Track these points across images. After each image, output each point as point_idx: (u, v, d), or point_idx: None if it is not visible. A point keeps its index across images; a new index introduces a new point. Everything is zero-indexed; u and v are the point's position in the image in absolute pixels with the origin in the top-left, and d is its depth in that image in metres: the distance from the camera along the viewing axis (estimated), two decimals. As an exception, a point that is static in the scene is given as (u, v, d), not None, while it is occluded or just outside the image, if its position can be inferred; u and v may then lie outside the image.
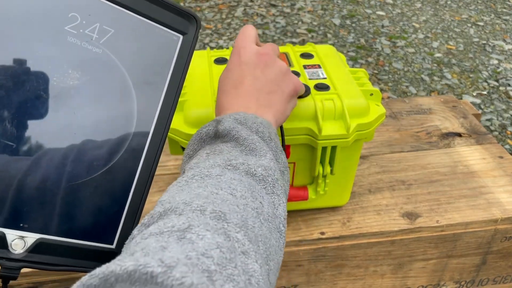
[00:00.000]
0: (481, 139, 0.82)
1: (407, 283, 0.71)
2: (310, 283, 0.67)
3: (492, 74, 2.45)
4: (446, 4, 3.24)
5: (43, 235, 0.32)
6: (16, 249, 0.31)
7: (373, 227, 0.64)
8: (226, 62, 0.64)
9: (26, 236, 0.31)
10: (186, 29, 0.37)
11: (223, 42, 2.68)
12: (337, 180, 0.62)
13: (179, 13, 0.37)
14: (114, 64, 0.33)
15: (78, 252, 0.33)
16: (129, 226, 0.36)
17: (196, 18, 0.38)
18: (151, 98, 0.35)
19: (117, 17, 0.34)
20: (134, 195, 0.36)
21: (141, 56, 0.35)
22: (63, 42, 0.31)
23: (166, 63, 0.36)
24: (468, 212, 0.67)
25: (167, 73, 0.36)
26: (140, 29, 0.35)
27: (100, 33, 0.33)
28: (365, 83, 0.61)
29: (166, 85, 0.36)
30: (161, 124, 0.36)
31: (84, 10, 0.32)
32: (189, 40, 0.38)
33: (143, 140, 0.36)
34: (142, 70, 0.35)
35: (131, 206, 0.36)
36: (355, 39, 2.75)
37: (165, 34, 0.36)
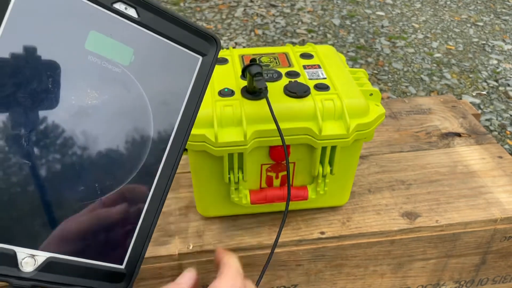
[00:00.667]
0: (480, 139, 0.83)
1: (407, 283, 0.71)
2: (310, 283, 0.67)
3: (492, 74, 2.45)
4: (445, 4, 3.24)
5: (54, 254, 0.32)
6: (26, 268, 0.30)
7: (372, 226, 0.64)
8: (226, 62, 0.64)
9: (36, 254, 0.31)
10: (206, 50, 0.37)
11: (223, 42, 2.68)
12: (337, 180, 0.62)
13: (200, 34, 0.36)
14: (133, 84, 0.33)
15: (87, 272, 0.33)
16: (140, 246, 0.35)
17: (216, 40, 0.37)
18: (168, 119, 0.35)
19: (137, 37, 0.34)
20: (146, 215, 0.35)
21: (160, 76, 0.35)
22: (84, 61, 0.31)
23: (184, 84, 0.36)
24: (467, 212, 0.67)
25: (185, 94, 0.36)
26: (160, 49, 0.35)
27: None
28: (365, 83, 0.61)
29: (184, 106, 0.36)
30: (176, 145, 0.36)
31: (104, 29, 0.32)
32: (209, 62, 0.37)
33: (157, 160, 0.35)
34: (160, 91, 0.35)
35: (142, 226, 0.35)
36: (355, 39, 2.75)
37: (184, 55, 0.36)
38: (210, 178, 0.59)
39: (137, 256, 0.35)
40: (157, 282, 0.62)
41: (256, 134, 0.55)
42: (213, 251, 0.61)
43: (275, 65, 0.63)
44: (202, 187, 0.61)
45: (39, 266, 0.31)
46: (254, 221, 0.65)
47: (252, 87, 0.55)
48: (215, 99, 0.56)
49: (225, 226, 0.64)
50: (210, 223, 0.64)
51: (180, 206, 0.67)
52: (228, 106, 0.55)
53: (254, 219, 0.65)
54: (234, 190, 0.59)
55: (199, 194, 0.62)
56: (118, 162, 0.34)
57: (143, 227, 0.36)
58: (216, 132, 0.53)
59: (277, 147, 0.57)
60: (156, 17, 0.34)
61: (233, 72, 0.62)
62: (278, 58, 0.65)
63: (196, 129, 0.54)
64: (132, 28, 0.33)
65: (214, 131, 0.53)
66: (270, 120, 0.54)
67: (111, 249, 0.34)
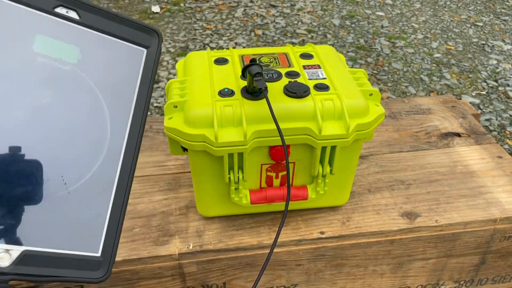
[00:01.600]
0: (480, 139, 0.83)
1: (407, 283, 0.71)
2: (310, 283, 0.67)
3: (491, 74, 2.45)
4: (445, 4, 3.24)
5: (28, 247, 0.32)
6: (2, 263, 0.31)
7: (372, 226, 0.64)
8: (226, 62, 0.64)
9: (11, 249, 0.32)
10: (149, 43, 0.40)
11: (223, 42, 2.68)
12: (336, 179, 0.62)
13: (141, 29, 0.40)
14: (83, 79, 0.36)
15: (65, 262, 0.34)
16: (113, 233, 0.37)
17: (157, 32, 0.41)
18: (122, 108, 0.38)
19: (81, 36, 0.36)
20: (115, 202, 0.37)
21: (109, 70, 0.37)
22: (34, 62, 0.33)
23: (133, 74, 0.39)
24: (467, 211, 0.67)
25: (136, 83, 0.39)
26: (105, 46, 0.37)
27: None
28: (365, 83, 0.62)
29: (136, 94, 0.39)
30: (134, 130, 0.38)
31: (49, 32, 0.35)
32: (153, 53, 0.40)
33: (118, 148, 0.37)
34: (111, 83, 0.37)
35: (112, 213, 0.37)
36: (355, 39, 2.75)
37: (129, 48, 0.39)
38: (210, 178, 0.59)
39: (111, 243, 0.36)
40: (157, 282, 0.62)
41: (256, 134, 0.55)
42: (213, 251, 0.61)
43: (275, 65, 0.64)
44: (202, 187, 0.61)
45: (15, 260, 0.32)
46: (254, 221, 0.65)
47: (252, 87, 0.55)
48: (215, 99, 0.56)
49: (225, 226, 0.64)
50: (210, 223, 0.65)
51: (180, 206, 0.67)
52: (228, 106, 0.55)
53: (254, 219, 0.65)
54: (234, 190, 0.59)
55: (199, 194, 0.62)
56: (80, 154, 0.35)
57: (114, 214, 0.37)
58: (216, 132, 0.53)
59: (277, 147, 0.57)
60: (97, 16, 0.37)
61: (233, 72, 0.62)
62: (278, 58, 0.65)
63: (196, 129, 0.54)
64: (75, 29, 0.36)
65: (214, 131, 0.53)
66: (270, 120, 0.54)
67: (84, 238, 0.35)
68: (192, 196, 0.69)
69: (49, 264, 0.33)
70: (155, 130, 0.83)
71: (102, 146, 0.36)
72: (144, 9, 3.06)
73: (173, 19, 2.95)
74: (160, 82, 2.31)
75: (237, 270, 0.63)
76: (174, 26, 2.86)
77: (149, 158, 0.76)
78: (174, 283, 0.62)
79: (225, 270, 0.63)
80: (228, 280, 0.64)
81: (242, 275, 0.64)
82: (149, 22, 2.89)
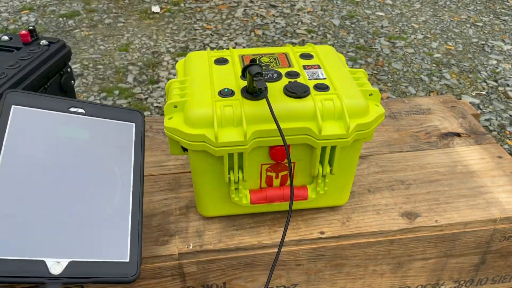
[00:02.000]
0: (480, 139, 0.83)
1: (406, 283, 0.71)
2: (310, 283, 0.67)
3: (491, 74, 2.45)
4: (445, 4, 3.24)
5: (73, 258, 0.45)
6: (55, 271, 0.43)
7: (372, 226, 0.64)
8: (226, 62, 0.64)
9: (60, 261, 0.44)
10: (136, 119, 0.59)
11: (223, 42, 2.68)
12: (336, 180, 0.62)
13: (129, 111, 0.59)
14: (94, 148, 0.54)
15: (101, 267, 0.46)
16: (136, 243, 0.49)
17: (140, 112, 0.60)
18: (124, 163, 0.54)
19: (88, 122, 0.55)
20: (133, 223, 0.50)
21: (111, 140, 0.55)
22: (60, 140, 0.52)
23: (129, 141, 0.56)
24: (467, 211, 0.67)
25: (131, 146, 0.56)
26: (106, 125, 0.56)
27: None
28: (365, 83, 0.62)
29: (133, 153, 0.56)
30: (136, 173, 0.54)
31: (68, 122, 0.54)
32: (140, 125, 0.59)
33: (127, 190, 0.53)
34: (114, 147, 0.55)
35: (132, 230, 0.50)
36: (355, 39, 2.75)
37: (123, 124, 0.57)
38: (210, 178, 0.59)
39: (136, 250, 0.48)
40: (157, 282, 0.62)
41: (256, 134, 0.55)
42: (213, 251, 0.61)
43: (275, 65, 0.64)
44: (202, 187, 0.61)
45: (64, 268, 0.44)
46: (254, 221, 0.65)
47: (252, 87, 0.55)
48: (215, 99, 0.56)
49: (225, 226, 0.64)
50: (210, 223, 0.65)
51: (180, 206, 0.67)
52: (228, 106, 0.55)
53: (254, 219, 0.65)
54: (234, 190, 0.59)
55: (199, 194, 0.62)
56: (102, 193, 0.51)
57: (133, 231, 0.50)
58: (216, 132, 0.53)
59: (277, 147, 0.57)
60: (97, 108, 0.57)
61: (233, 72, 0.62)
62: (278, 58, 0.65)
63: (196, 129, 0.54)
64: (84, 119, 0.55)
65: (214, 131, 0.53)
66: (270, 120, 0.54)
67: (114, 249, 0.47)
68: (192, 196, 0.69)
69: (89, 270, 0.45)
70: (155, 130, 0.84)
71: (115, 188, 0.51)
72: (144, 9, 3.06)
73: (173, 19, 2.95)
74: (160, 82, 2.31)
75: (237, 270, 0.63)
76: (174, 26, 2.86)
77: (149, 158, 0.76)
78: (174, 283, 0.62)
79: (225, 270, 0.63)
80: (228, 280, 0.64)
81: (242, 275, 0.64)
82: (149, 22, 2.89)
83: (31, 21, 2.88)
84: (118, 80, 2.33)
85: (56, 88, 0.72)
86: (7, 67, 0.65)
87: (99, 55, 2.54)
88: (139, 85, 2.29)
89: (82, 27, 2.84)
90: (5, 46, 0.72)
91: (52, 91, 0.71)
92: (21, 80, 0.64)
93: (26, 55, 0.68)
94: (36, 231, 0.44)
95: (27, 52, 0.69)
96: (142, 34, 2.76)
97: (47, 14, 2.98)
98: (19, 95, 0.51)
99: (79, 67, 2.41)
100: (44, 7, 3.07)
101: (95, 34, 2.75)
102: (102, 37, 2.73)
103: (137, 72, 2.40)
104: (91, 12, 3.02)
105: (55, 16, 2.95)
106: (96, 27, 2.84)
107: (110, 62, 2.48)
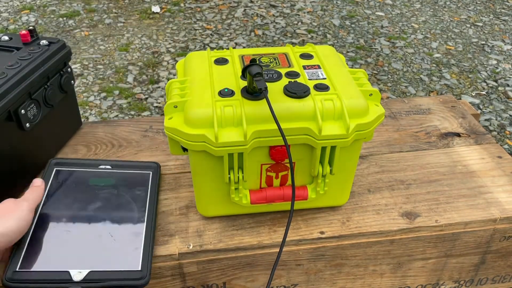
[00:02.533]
0: (480, 139, 0.83)
1: (406, 283, 0.71)
2: (310, 282, 0.67)
3: (491, 74, 2.45)
4: (445, 4, 3.24)
5: (92, 268, 0.54)
6: (77, 278, 0.53)
7: (372, 226, 0.64)
8: (226, 62, 0.64)
9: (81, 271, 0.54)
10: (152, 168, 0.70)
11: (223, 42, 2.68)
12: (336, 180, 0.62)
13: (148, 163, 0.71)
14: (121, 190, 0.66)
15: (116, 275, 0.54)
16: (147, 254, 0.57)
17: (157, 163, 0.71)
18: (142, 201, 0.65)
19: (115, 174, 0.68)
20: (146, 238, 0.59)
21: (133, 185, 0.67)
22: (91, 188, 0.66)
23: (146, 184, 0.67)
24: (467, 211, 0.67)
25: (148, 189, 0.67)
26: (128, 174, 0.69)
27: None
28: (365, 84, 0.62)
29: (149, 194, 0.66)
30: (151, 203, 0.65)
31: (98, 175, 0.68)
32: (156, 172, 0.70)
33: (143, 207, 0.64)
34: (135, 189, 0.66)
35: (145, 240, 0.59)
36: (355, 39, 2.75)
37: (142, 173, 0.69)
38: (210, 178, 0.59)
39: (147, 260, 0.56)
40: (156, 282, 0.62)
41: (256, 134, 0.55)
42: (213, 251, 0.61)
43: (275, 66, 0.64)
44: (202, 187, 0.61)
45: (84, 276, 0.53)
46: (254, 221, 0.65)
47: (252, 87, 0.55)
48: (215, 99, 0.56)
49: (225, 226, 0.64)
50: (210, 223, 0.65)
51: (180, 206, 0.67)
52: (228, 106, 0.55)
53: (254, 219, 0.65)
54: (234, 190, 0.59)
55: (199, 194, 0.62)
56: (124, 216, 0.62)
57: (146, 241, 0.58)
58: (216, 132, 0.53)
59: (277, 147, 0.57)
60: (122, 164, 0.70)
61: (233, 72, 0.62)
62: (278, 59, 0.65)
63: (196, 129, 0.54)
64: (111, 172, 0.68)
65: (214, 131, 0.53)
66: (270, 120, 0.54)
67: (128, 259, 0.56)
68: (192, 196, 0.69)
69: (106, 277, 0.54)
70: (155, 130, 0.84)
71: (133, 217, 0.62)
72: (144, 9, 3.06)
73: (173, 19, 2.95)
74: (160, 82, 2.31)
75: (237, 270, 0.63)
76: (174, 26, 2.86)
77: (149, 158, 0.76)
78: (174, 283, 0.62)
79: (225, 270, 0.63)
80: (228, 280, 0.64)
81: (242, 275, 0.64)
82: (149, 22, 2.90)
83: (31, 21, 2.88)
84: (118, 80, 2.33)
85: (56, 88, 0.72)
86: (7, 67, 0.65)
87: (99, 55, 2.54)
88: (139, 85, 2.29)
89: (82, 27, 2.84)
90: (5, 46, 0.72)
91: (52, 91, 0.71)
92: (21, 80, 0.64)
93: (26, 55, 0.68)
94: (65, 249, 0.56)
95: (27, 52, 0.69)
96: (142, 34, 2.76)
97: (47, 14, 2.98)
98: (60, 160, 0.68)
99: (79, 67, 2.41)
100: (44, 7, 3.07)
101: (95, 34, 2.75)
102: (102, 37, 2.73)
103: (137, 72, 2.40)
104: (91, 12, 3.02)
105: (55, 16, 2.95)
106: (96, 27, 2.84)
107: (110, 62, 2.48)
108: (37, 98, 0.69)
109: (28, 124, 0.67)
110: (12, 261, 0.54)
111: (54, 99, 0.73)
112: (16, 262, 0.54)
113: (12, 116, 0.64)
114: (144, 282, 0.54)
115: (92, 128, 0.84)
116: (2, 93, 0.61)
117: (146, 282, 0.54)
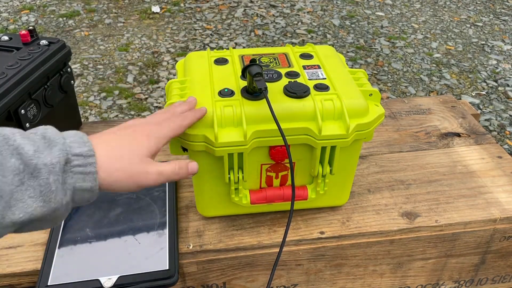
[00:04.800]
0: (480, 139, 0.83)
1: (406, 283, 0.71)
2: (310, 282, 0.67)
3: (491, 74, 2.45)
4: (445, 4, 3.24)
5: (121, 273, 0.56)
6: (107, 285, 0.55)
7: (372, 226, 0.64)
8: (226, 62, 0.64)
9: (111, 277, 0.55)
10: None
11: (223, 42, 2.68)
12: (336, 180, 0.62)
13: None
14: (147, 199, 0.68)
15: (146, 276, 0.56)
16: (173, 253, 0.58)
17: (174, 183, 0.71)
18: (161, 198, 0.67)
19: None
20: (170, 239, 0.60)
21: (153, 193, 0.68)
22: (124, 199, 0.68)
23: (164, 191, 0.68)
24: (467, 211, 0.67)
25: (165, 187, 0.69)
26: None
27: None
28: (364, 84, 0.62)
29: (167, 191, 0.68)
30: (170, 207, 0.66)
31: None
32: (172, 182, 0.70)
33: (164, 213, 0.65)
34: (155, 197, 0.68)
35: (170, 239, 0.60)
36: (355, 39, 2.75)
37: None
38: (210, 178, 0.59)
39: (173, 259, 0.58)
40: (157, 282, 0.62)
41: (256, 134, 0.55)
42: (213, 251, 0.61)
43: (275, 66, 0.64)
44: (202, 187, 0.61)
45: (115, 282, 0.55)
46: (254, 221, 0.65)
47: (252, 87, 0.55)
48: (215, 100, 0.56)
49: (225, 226, 0.64)
50: (210, 223, 0.65)
51: (180, 206, 0.67)
52: (228, 106, 0.55)
53: (254, 219, 0.65)
54: (234, 190, 0.59)
55: (199, 194, 0.62)
56: (146, 218, 0.64)
57: (170, 240, 0.60)
58: (216, 132, 0.53)
59: (277, 147, 0.57)
60: None
61: (233, 72, 0.62)
62: (278, 59, 0.65)
63: (196, 129, 0.54)
64: None
65: (214, 131, 0.53)
66: (270, 120, 0.54)
67: (155, 261, 0.58)
68: (192, 196, 0.69)
69: (136, 279, 0.55)
70: (155, 130, 0.83)
71: (155, 222, 0.63)
72: (144, 9, 3.06)
73: (173, 19, 2.95)
74: (160, 82, 2.31)
75: (237, 270, 0.63)
76: (174, 26, 2.86)
77: (149, 158, 0.76)
78: (174, 283, 0.63)
79: (225, 270, 0.63)
80: (228, 280, 0.64)
81: (242, 275, 0.64)
82: (149, 22, 2.90)
83: (31, 21, 2.88)
84: (118, 80, 2.33)
85: (56, 88, 0.72)
86: (7, 67, 0.65)
87: (99, 55, 2.54)
88: (139, 85, 2.29)
89: (82, 27, 2.84)
90: (5, 46, 0.72)
91: (52, 91, 0.71)
92: (21, 80, 0.64)
93: (26, 55, 0.68)
94: (92, 258, 0.59)
95: (27, 52, 0.69)
96: (142, 34, 2.76)
97: (47, 14, 2.98)
98: None
99: (79, 67, 2.41)
100: (44, 7, 3.07)
101: (95, 34, 2.75)
102: (102, 37, 2.73)
103: (137, 72, 2.40)
104: (91, 12, 3.02)
105: (55, 16, 2.95)
106: (96, 27, 2.84)
107: (110, 62, 2.48)
108: (37, 98, 0.69)
109: (28, 124, 0.67)
110: (42, 276, 0.55)
111: (54, 99, 0.73)
112: (47, 276, 0.55)
113: (12, 116, 0.64)
114: (173, 280, 0.55)
115: (92, 128, 0.84)
116: (2, 93, 0.61)
117: (175, 280, 0.56)
